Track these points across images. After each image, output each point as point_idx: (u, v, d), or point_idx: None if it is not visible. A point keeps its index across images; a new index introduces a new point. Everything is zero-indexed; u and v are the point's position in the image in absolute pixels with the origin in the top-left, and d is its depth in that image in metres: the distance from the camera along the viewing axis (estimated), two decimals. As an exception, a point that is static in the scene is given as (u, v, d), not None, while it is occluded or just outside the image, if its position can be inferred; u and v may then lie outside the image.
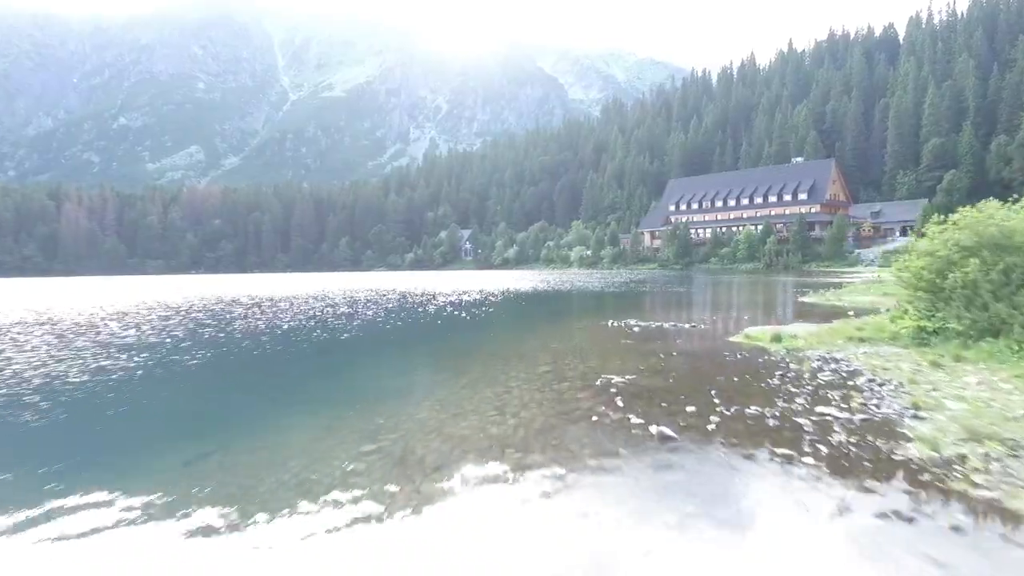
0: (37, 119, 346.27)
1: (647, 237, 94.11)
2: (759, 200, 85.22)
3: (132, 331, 15.20)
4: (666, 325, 15.03)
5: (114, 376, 9.25)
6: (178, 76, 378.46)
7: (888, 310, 13.21)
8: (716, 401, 6.89)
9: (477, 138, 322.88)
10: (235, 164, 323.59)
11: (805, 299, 22.27)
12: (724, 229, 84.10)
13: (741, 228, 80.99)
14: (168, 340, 13.39)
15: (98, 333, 14.80)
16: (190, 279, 76.59)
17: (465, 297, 27.17)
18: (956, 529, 3.79)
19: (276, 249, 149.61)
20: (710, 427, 5.92)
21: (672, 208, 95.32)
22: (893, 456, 5.02)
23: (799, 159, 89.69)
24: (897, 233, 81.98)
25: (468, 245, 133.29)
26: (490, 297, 27.61)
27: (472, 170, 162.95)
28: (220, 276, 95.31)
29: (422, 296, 29.05)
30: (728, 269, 73.68)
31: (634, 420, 6.20)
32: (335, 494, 4.48)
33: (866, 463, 4.87)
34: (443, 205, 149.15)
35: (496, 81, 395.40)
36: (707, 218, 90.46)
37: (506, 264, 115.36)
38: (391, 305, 23.57)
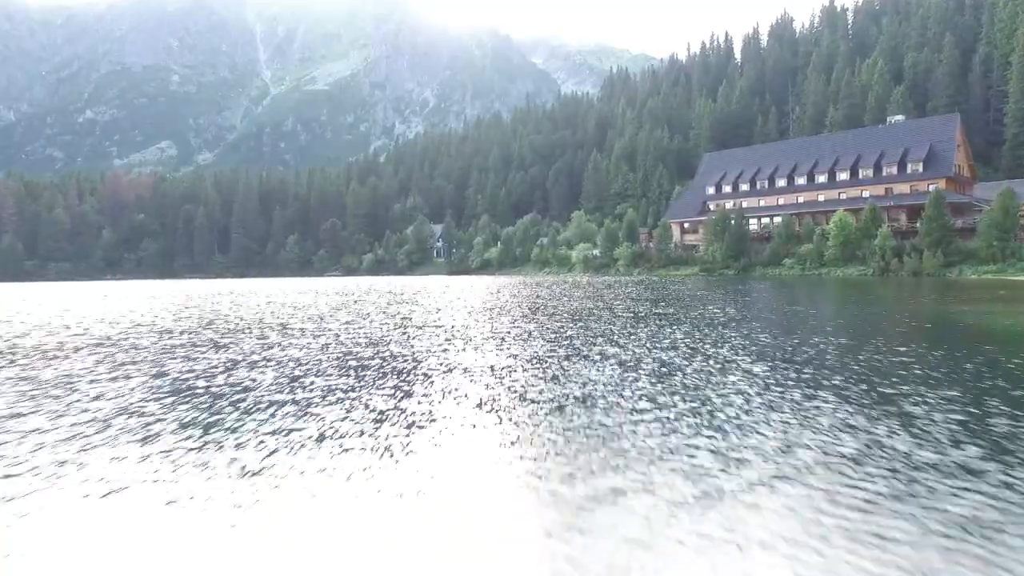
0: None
1: (677, 230, 67.67)
2: (843, 176, 58.64)
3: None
4: None
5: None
6: (151, 68, 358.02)
7: None
8: None
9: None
10: (209, 160, 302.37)
11: None
12: (792, 216, 57.70)
13: (824, 215, 54.67)
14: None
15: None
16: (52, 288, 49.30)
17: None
18: None
19: (212, 249, 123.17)
20: None
21: (711, 191, 68.63)
22: None
23: (899, 117, 63.23)
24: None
25: (440, 243, 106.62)
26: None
27: (450, 154, 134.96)
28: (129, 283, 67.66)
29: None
30: (812, 275, 47.57)
31: None
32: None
33: None
34: (413, 195, 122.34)
35: (486, 75, 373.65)
36: (764, 202, 63.72)
37: (487, 267, 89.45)
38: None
